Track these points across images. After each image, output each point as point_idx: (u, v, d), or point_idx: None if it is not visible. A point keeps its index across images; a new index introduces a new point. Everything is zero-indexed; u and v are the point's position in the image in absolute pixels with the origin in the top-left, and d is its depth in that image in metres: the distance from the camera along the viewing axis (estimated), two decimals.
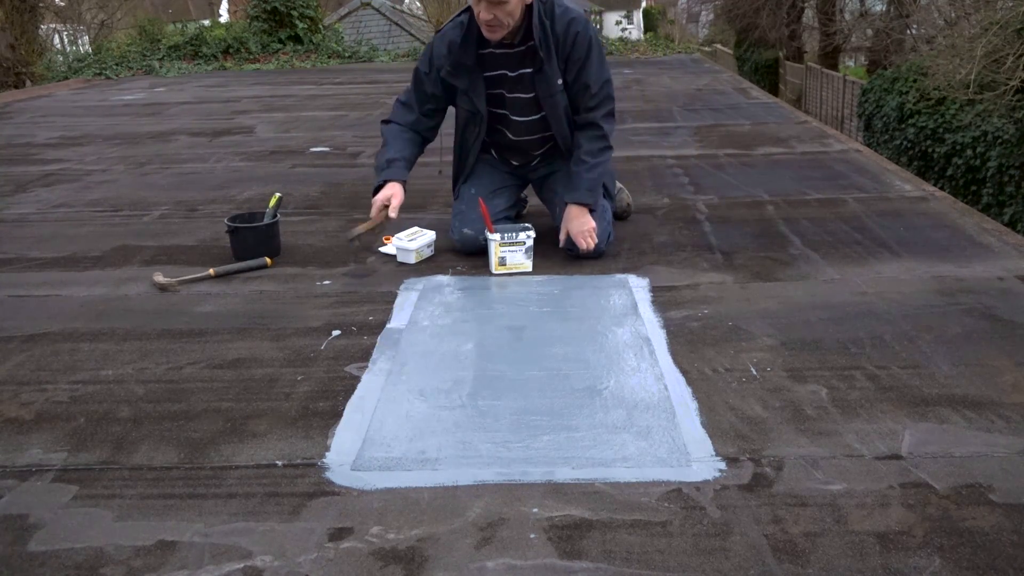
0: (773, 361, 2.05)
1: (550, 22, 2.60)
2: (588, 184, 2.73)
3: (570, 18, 2.62)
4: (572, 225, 2.75)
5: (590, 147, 2.74)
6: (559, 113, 2.74)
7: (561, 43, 2.63)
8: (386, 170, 2.74)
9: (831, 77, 14.93)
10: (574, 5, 2.68)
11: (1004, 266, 2.62)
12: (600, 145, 2.75)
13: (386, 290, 2.60)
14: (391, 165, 2.75)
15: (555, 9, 2.62)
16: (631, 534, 1.43)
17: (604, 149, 2.77)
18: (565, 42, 2.62)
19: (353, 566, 1.37)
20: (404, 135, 2.82)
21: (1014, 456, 1.62)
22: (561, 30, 2.61)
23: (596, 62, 2.68)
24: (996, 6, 7.35)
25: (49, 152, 5.19)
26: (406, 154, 2.80)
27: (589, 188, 2.73)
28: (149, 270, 2.81)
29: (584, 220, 2.74)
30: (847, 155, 4.31)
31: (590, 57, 2.65)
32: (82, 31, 21.80)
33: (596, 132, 2.75)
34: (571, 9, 2.65)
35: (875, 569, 1.33)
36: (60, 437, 1.79)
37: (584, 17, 2.65)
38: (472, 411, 1.85)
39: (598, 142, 2.75)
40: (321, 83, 8.87)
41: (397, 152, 2.78)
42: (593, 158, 2.74)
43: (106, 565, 1.39)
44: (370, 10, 16.89)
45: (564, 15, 2.62)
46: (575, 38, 2.62)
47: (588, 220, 2.75)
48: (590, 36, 2.65)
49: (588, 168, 2.73)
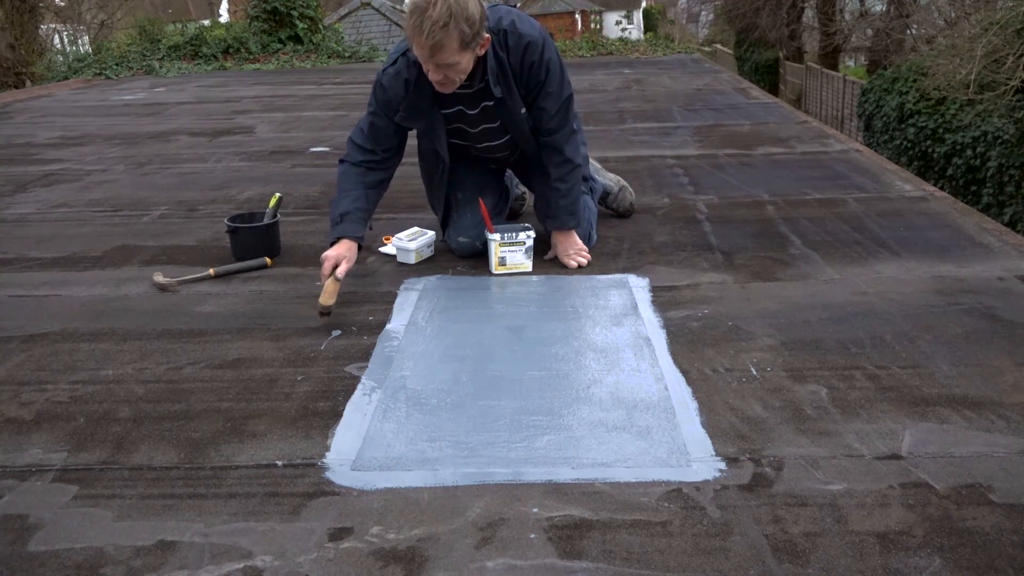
0: (773, 361, 2.05)
1: (506, 54, 2.47)
2: (566, 209, 2.71)
3: (525, 44, 2.47)
4: (560, 251, 2.76)
5: (558, 173, 2.69)
6: (525, 134, 2.67)
7: (519, 73, 2.52)
8: (339, 225, 2.50)
9: (831, 77, 14.94)
10: (526, 22, 2.54)
11: (1004, 266, 2.62)
12: (566, 169, 2.69)
13: (386, 290, 2.60)
14: (344, 219, 2.51)
15: (508, 40, 2.46)
16: (631, 534, 1.43)
17: (572, 171, 2.70)
18: (523, 71, 2.52)
19: (353, 566, 1.37)
20: (361, 179, 2.58)
21: (1014, 456, 1.62)
22: (516, 61, 2.49)
23: (555, 84, 2.57)
24: (996, 6, 7.36)
25: (49, 152, 5.19)
26: (360, 204, 2.54)
27: (569, 212, 2.72)
28: (149, 270, 2.81)
29: (570, 243, 2.75)
30: (847, 155, 4.31)
31: (548, 80, 2.55)
32: (82, 31, 21.81)
33: (559, 158, 2.68)
34: (524, 34, 2.48)
35: (875, 569, 1.33)
36: (60, 437, 1.79)
37: (539, 36, 2.52)
38: (472, 411, 1.85)
39: (564, 167, 2.68)
40: (321, 83, 8.87)
41: (351, 204, 2.53)
42: (564, 183, 2.69)
43: (106, 565, 1.39)
44: (370, 10, 16.90)
45: (518, 43, 2.47)
46: (531, 67, 2.51)
47: (575, 241, 2.75)
48: (547, 59, 2.53)
49: (562, 195, 2.69)
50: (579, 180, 2.75)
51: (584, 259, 2.74)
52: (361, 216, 2.54)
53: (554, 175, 2.70)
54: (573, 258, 2.74)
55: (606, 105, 6.47)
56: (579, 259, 2.73)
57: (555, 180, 2.70)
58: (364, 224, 2.56)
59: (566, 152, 2.68)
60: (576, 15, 38.36)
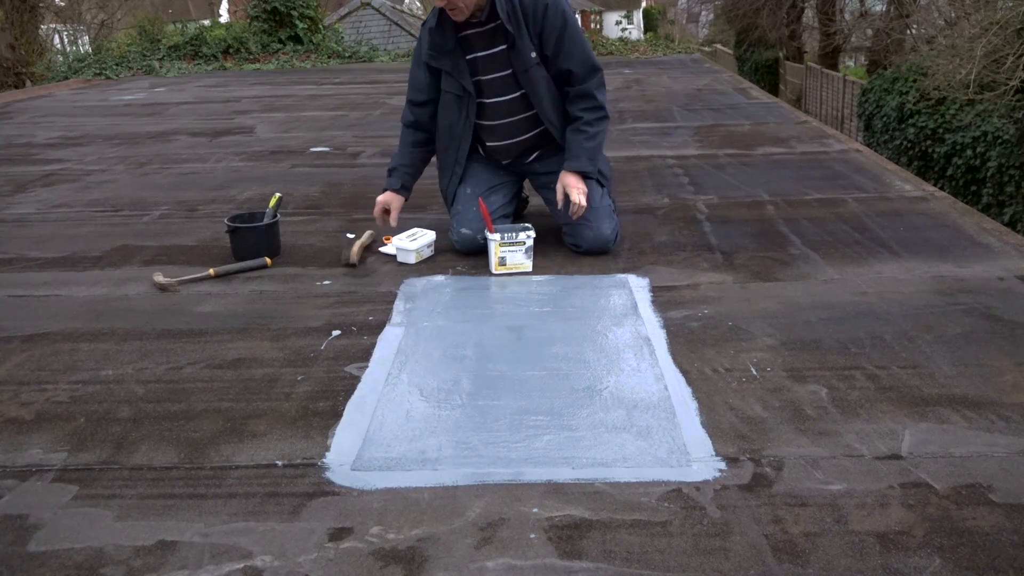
0: (773, 361, 2.05)
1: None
2: (588, 153, 2.76)
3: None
4: (568, 181, 2.75)
5: (587, 117, 2.76)
6: (539, 90, 2.74)
7: (531, 17, 2.65)
8: (388, 179, 2.93)
9: (831, 77, 14.93)
10: None
11: (1004, 266, 2.62)
12: (597, 115, 2.77)
13: (386, 290, 2.60)
14: (391, 174, 2.92)
15: None
16: (631, 534, 1.43)
17: (601, 119, 2.78)
18: (535, 16, 2.65)
19: (353, 566, 1.37)
20: (410, 139, 2.92)
21: (1014, 456, 1.62)
22: (530, 4, 2.64)
23: (573, 33, 2.70)
24: (996, 6, 7.35)
25: (49, 152, 5.19)
26: (405, 161, 2.92)
27: (589, 157, 2.76)
28: (149, 270, 2.81)
29: (580, 183, 2.75)
30: (847, 155, 4.31)
31: (566, 28, 2.68)
32: (82, 31, 21.82)
33: (591, 103, 2.76)
34: None
35: (875, 569, 1.33)
36: (60, 437, 1.79)
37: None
38: (472, 411, 1.85)
39: (594, 112, 2.76)
40: (321, 83, 8.87)
41: (398, 160, 2.93)
42: (591, 127, 2.76)
43: (106, 565, 1.39)
44: (370, 10, 16.90)
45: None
46: (544, 11, 2.64)
47: (583, 185, 2.76)
48: (562, 9, 2.67)
49: (587, 137, 2.76)
50: (605, 129, 2.81)
51: (583, 200, 2.71)
52: (406, 171, 2.92)
53: (584, 118, 2.76)
54: (576, 194, 2.72)
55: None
56: (581, 197, 2.72)
57: (583, 124, 2.76)
58: (410, 177, 2.94)
59: (598, 98, 2.76)
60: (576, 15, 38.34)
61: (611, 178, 3.00)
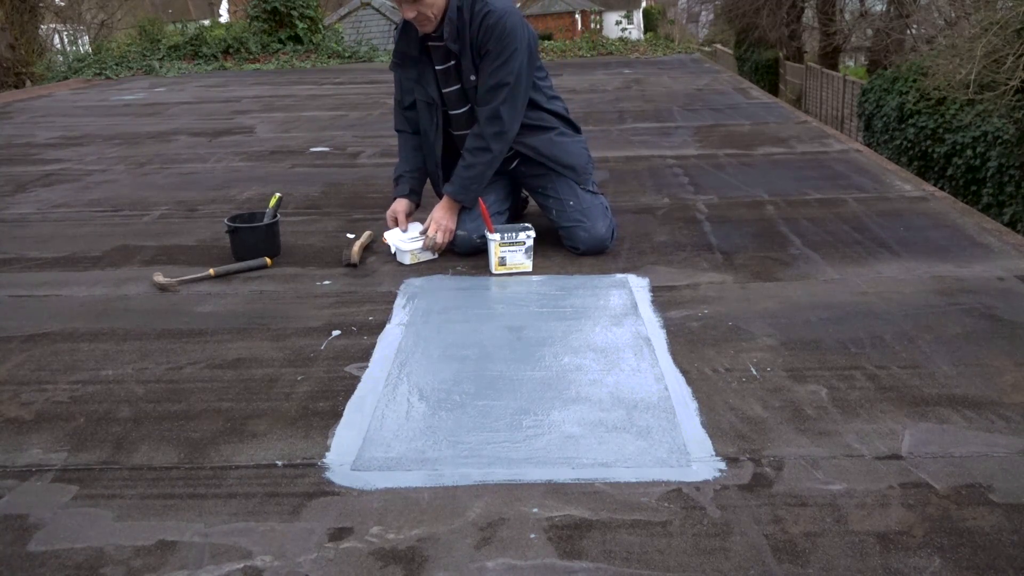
0: (773, 361, 2.05)
1: (469, 16, 2.60)
2: (461, 181, 2.74)
3: (486, 11, 2.58)
4: (436, 214, 2.77)
5: (470, 144, 2.73)
6: None
7: (474, 37, 2.61)
8: (395, 187, 2.95)
9: (831, 77, 14.94)
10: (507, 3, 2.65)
11: (1004, 266, 2.62)
12: (477, 144, 2.71)
13: (386, 290, 2.60)
14: (398, 182, 2.95)
15: (475, 4, 2.59)
16: (631, 534, 1.43)
17: (480, 150, 2.70)
18: (477, 35, 2.61)
19: (353, 566, 1.37)
20: (408, 143, 2.95)
21: (1014, 456, 1.62)
22: (476, 23, 2.60)
23: (500, 56, 2.60)
24: (996, 6, 7.35)
25: (49, 152, 5.19)
26: (409, 166, 2.94)
27: (462, 185, 2.74)
28: (149, 270, 2.81)
29: (448, 216, 2.76)
30: (847, 155, 4.31)
31: (500, 50, 2.59)
32: (82, 31, 21.82)
33: (474, 131, 2.73)
34: (495, 8, 2.59)
35: (875, 569, 1.32)
36: (60, 437, 1.79)
37: (504, 12, 2.59)
38: (472, 411, 1.85)
39: (476, 140, 2.72)
40: (321, 83, 8.87)
41: (404, 166, 2.95)
42: (471, 156, 2.72)
43: (106, 565, 1.39)
44: (370, 10, 16.90)
45: (482, 8, 2.59)
46: (485, 31, 2.59)
47: (452, 218, 2.76)
48: (503, 28, 2.58)
49: (464, 166, 2.74)
50: (488, 164, 2.72)
51: (441, 240, 2.74)
52: (412, 176, 2.93)
53: (468, 145, 2.73)
54: (441, 231, 2.73)
55: (606, 105, 6.47)
56: (439, 237, 2.73)
57: (466, 150, 2.74)
58: (417, 181, 2.94)
59: (483, 128, 2.68)
60: (576, 15, 38.40)
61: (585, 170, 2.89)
